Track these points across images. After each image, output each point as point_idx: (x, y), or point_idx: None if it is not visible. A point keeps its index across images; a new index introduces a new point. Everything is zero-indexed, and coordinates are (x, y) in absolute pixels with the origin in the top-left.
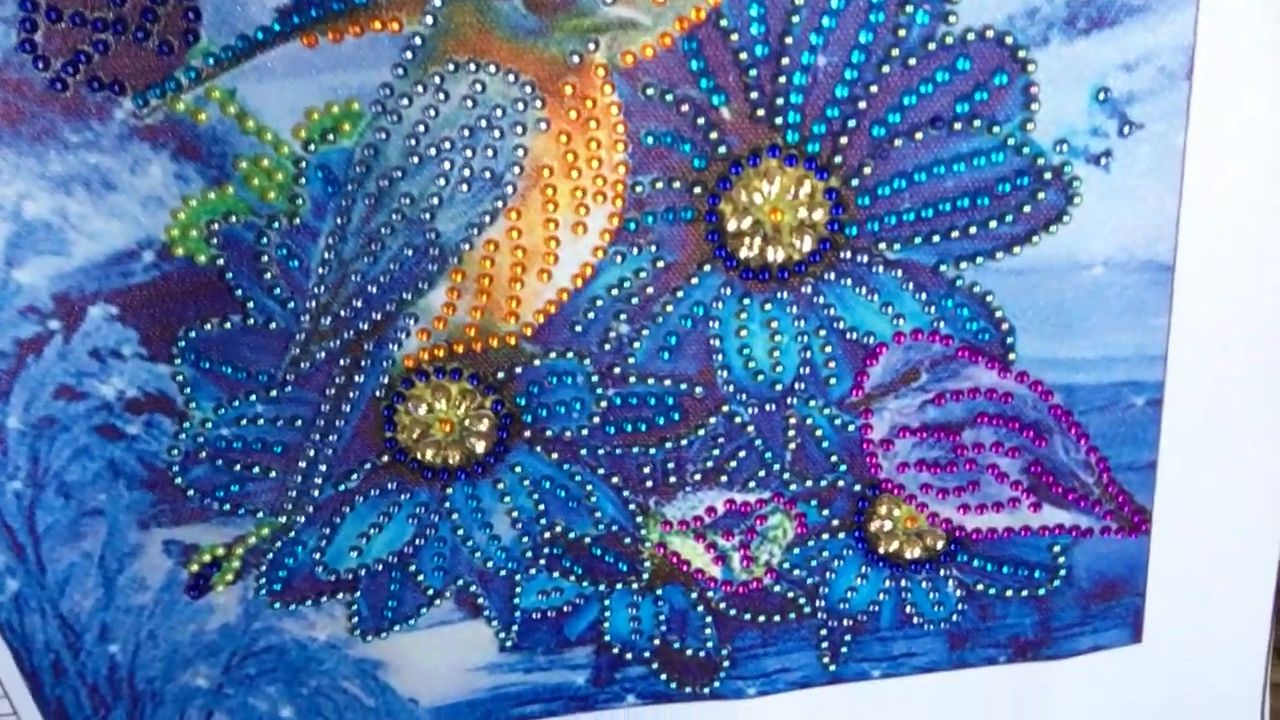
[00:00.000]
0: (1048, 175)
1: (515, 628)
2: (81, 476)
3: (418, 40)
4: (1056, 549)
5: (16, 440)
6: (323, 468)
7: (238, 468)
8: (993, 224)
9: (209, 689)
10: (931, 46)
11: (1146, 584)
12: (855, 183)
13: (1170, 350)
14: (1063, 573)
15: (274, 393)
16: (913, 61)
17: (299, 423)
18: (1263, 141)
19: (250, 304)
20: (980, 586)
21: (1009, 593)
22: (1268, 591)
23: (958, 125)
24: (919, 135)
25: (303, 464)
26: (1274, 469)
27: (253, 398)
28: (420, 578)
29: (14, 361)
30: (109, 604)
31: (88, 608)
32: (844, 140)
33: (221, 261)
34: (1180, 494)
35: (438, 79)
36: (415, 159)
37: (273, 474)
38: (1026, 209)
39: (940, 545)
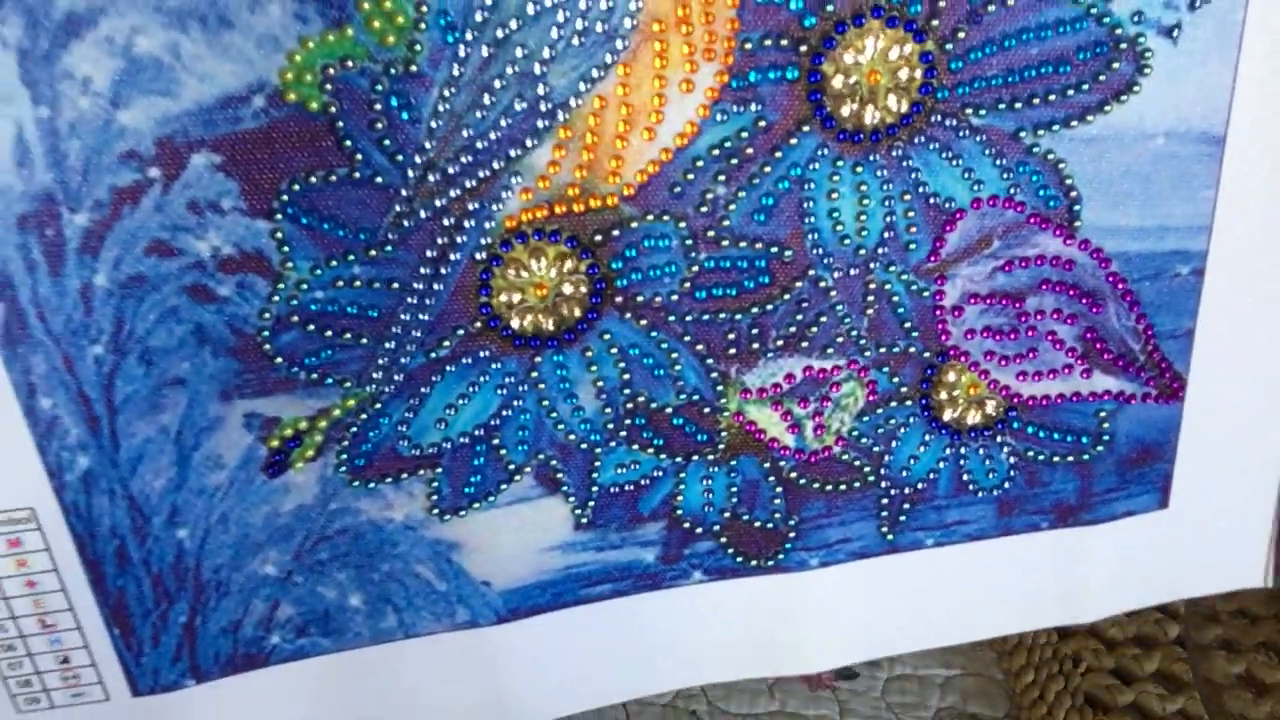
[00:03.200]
0: (1123, 46)
1: (591, 504)
2: (166, 342)
3: None
4: (1102, 415)
5: (102, 300)
6: (415, 334)
7: (329, 333)
8: (1070, 92)
9: (278, 577)
10: None
11: (1177, 451)
12: (949, 47)
13: (1214, 222)
14: (1106, 439)
15: (373, 252)
16: None
17: (395, 285)
18: None
19: (358, 156)
20: (1031, 453)
21: (1056, 459)
22: (1277, 462)
23: None
24: (1010, 2)
25: (396, 330)
26: None
27: (351, 258)
28: (503, 452)
29: (108, 212)
30: (182, 484)
31: (159, 488)
32: (941, 4)
33: (334, 109)
34: (1211, 364)
35: None
36: (533, 9)
37: (364, 341)
38: (1102, 78)
39: (997, 412)
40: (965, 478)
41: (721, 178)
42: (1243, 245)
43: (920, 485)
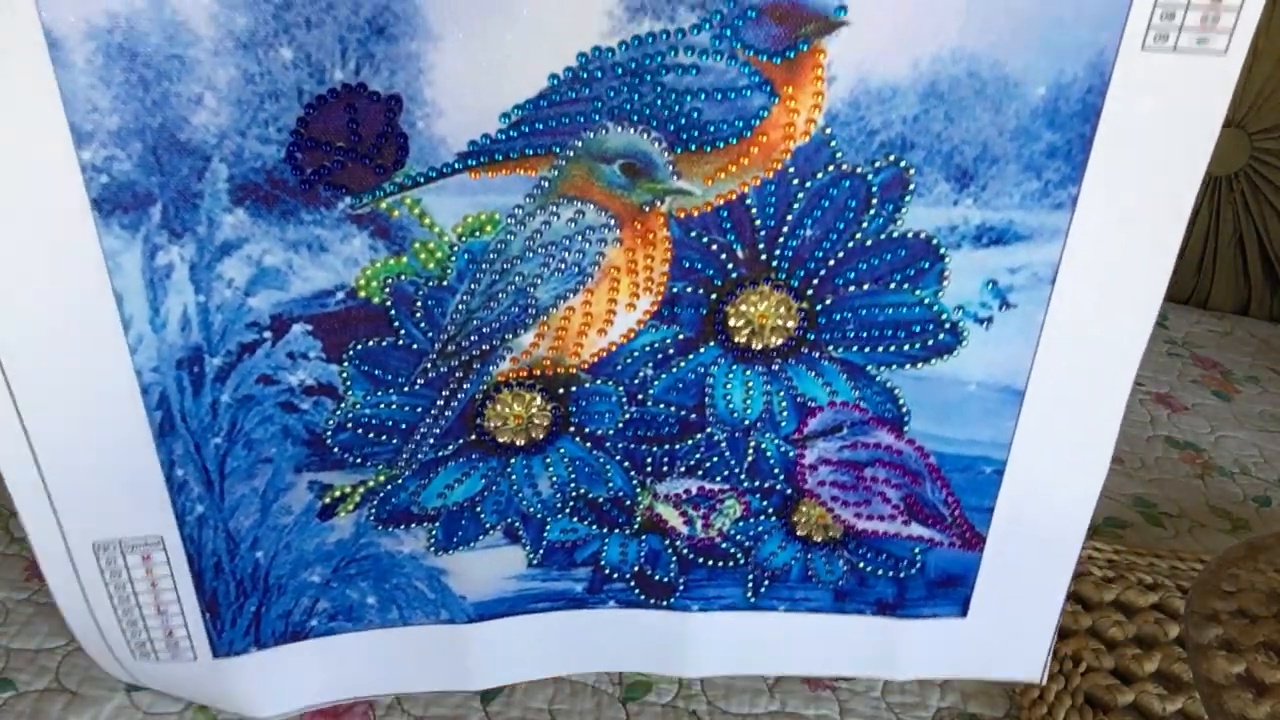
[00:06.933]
0: (947, 325)
1: (541, 551)
2: (263, 436)
3: (545, 182)
4: (916, 550)
5: (224, 410)
6: (430, 440)
7: (371, 435)
8: (906, 347)
9: (319, 584)
10: (883, 237)
11: (976, 581)
12: (819, 307)
13: (1013, 442)
14: (918, 565)
15: (406, 389)
16: (869, 244)
17: (419, 410)
18: (1093, 326)
19: (402, 331)
20: (861, 565)
21: (880, 572)
22: (1059, 593)
23: (892, 285)
24: (866, 286)
25: (417, 437)
26: (1075, 524)
27: (391, 391)
28: (482, 516)
29: (234, 358)
30: (262, 523)
31: (247, 526)
32: (816, 281)
33: (388, 303)
34: (1006, 529)
35: (553, 206)
36: (530, 253)
37: (394, 441)
38: (930, 343)
39: (838, 535)
40: (810, 572)
41: (649, 364)
42: (1034, 456)
43: (776, 571)
